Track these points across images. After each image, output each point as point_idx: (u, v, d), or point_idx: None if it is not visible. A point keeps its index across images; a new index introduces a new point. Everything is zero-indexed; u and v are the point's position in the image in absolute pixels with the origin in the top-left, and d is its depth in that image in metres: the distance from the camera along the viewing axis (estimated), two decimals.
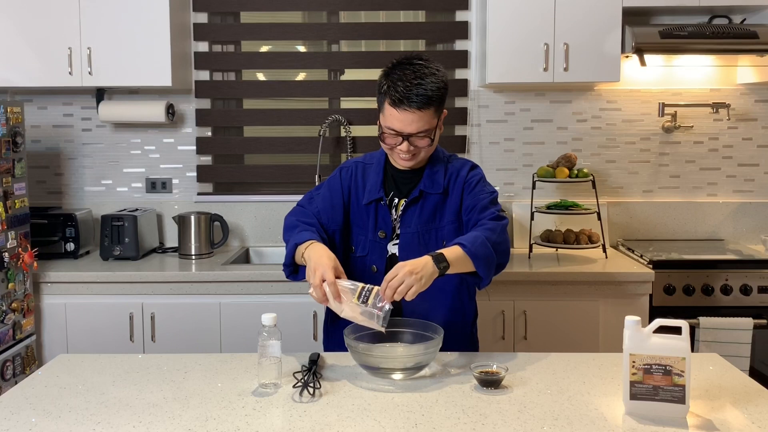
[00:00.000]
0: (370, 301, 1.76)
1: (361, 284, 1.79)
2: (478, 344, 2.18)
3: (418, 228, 2.01)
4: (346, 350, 1.92)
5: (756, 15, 3.31)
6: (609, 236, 3.48)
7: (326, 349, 2.13)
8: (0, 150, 2.79)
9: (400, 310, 1.98)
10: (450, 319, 2.01)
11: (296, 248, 1.94)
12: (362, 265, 2.04)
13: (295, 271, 2.00)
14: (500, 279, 2.92)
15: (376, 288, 1.77)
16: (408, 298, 1.73)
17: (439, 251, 1.81)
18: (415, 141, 1.93)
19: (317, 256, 1.83)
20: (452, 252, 1.81)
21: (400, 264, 1.75)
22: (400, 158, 1.97)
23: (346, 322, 1.83)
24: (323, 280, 1.77)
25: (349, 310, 1.78)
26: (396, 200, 2.04)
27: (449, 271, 1.79)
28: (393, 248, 2.02)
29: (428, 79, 1.88)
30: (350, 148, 3.53)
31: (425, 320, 1.88)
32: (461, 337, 2.08)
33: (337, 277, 1.79)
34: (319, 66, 3.61)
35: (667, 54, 3.38)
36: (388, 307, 1.74)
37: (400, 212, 2.03)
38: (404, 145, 1.92)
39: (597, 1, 3.13)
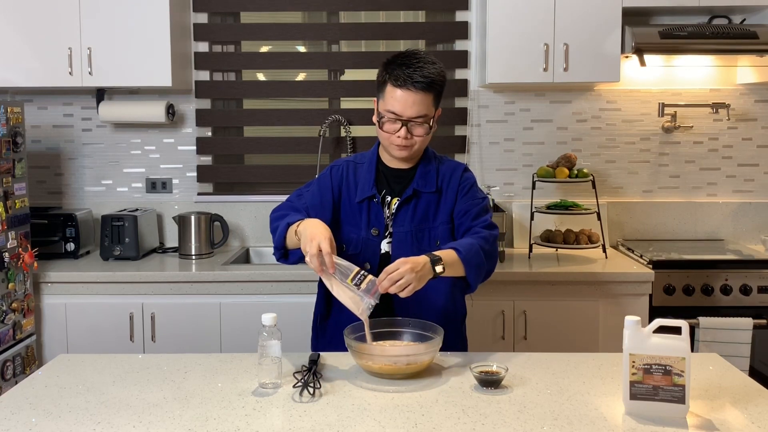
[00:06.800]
0: (363, 286, 1.78)
1: (357, 267, 1.81)
2: (467, 342, 2.19)
3: (412, 227, 2.02)
4: (335, 350, 1.93)
5: (756, 15, 3.31)
6: (609, 236, 3.48)
7: (314, 349, 2.13)
8: (0, 150, 2.79)
9: (392, 310, 1.99)
10: (443, 319, 2.02)
11: (288, 229, 1.94)
12: (354, 263, 2.04)
13: (285, 254, 2.02)
14: (500, 279, 2.93)
15: (371, 276, 1.79)
16: (403, 294, 1.75)
17: (436, 253, 1.83)
18: (413, 128, 1.94)
19: (313, 226, 1.84)
20: (448, 256, 1.85)
21: (401, 260, 1.76)
22: (396, 148, 1.97)
23: (335, 323, 1.84)
24: (320, 250, 1.77)
25: (338, 288, 1.80)
26: (388, 198, 2.05)
27: (442, 275, 1.82)
28: (386, 246, 2.03)
29: (430, 66, 1.94)
30: (350, 148, 3.53)
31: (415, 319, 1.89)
32: (453, 336, 2.08)
33: None
34: (319, 66, 3.61)
35: (667, 54, 3.38)
36: (375, 301, 1.77)
37: (393, 210, 2.03)
38: (402, 131, 1.94)
39: (597, 1, 3.13)
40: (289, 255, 2.02)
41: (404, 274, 1.73)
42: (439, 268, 1.80)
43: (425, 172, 2.04)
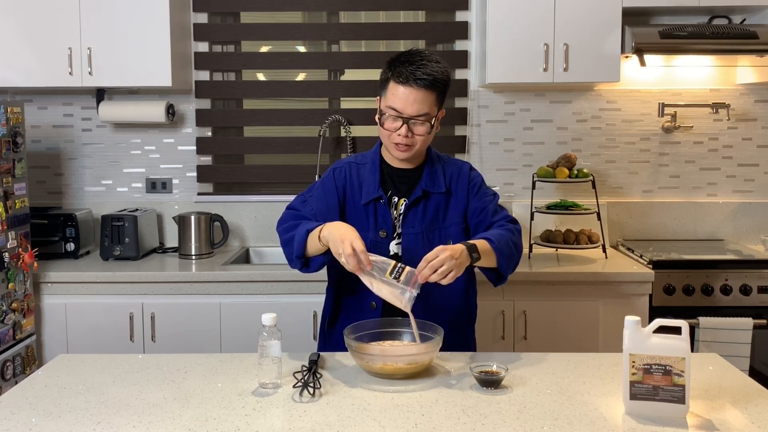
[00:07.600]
0: (402, 278, 1.79)
1: (393, 261, 1.81)
2: (476, 343, 2.19)
3: (422, 228, 2.01)
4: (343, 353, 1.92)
5: (756, 15, 3.31)
6: (609, 236, 3.48)
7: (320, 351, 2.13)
8: (0, 150, 2.79)
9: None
10: (457, 319, 2.03)
11: (308, 235, 1.90)
12: None
13: (306, 263, 1.97)
14: None
15: (408, 268, 1.80)
16: (445, 282, 1.75)
17: (471, 242, 1.84)
18: (414, 127, 1.94)
19: (340, 228, 1.83)
20: (482, 245, 1.86)
21: (440, 247, 1.77)
22: (397, 148, 1.96)
23: (343, 327, 1.83)
24: (353, 249, 1.76)
25: (377, 285, 1.81)
26: (395, 199, 2.04)
27: (477, 264, 1.83)
28: (395, 247, 2.02)
29: (434, 64, 1.94)
30: (350, 149, 3.53)
31: (429, 320, 1.88)
32: (464, 337, 2.09)
33: None
34: (319, 66, 3.61)
35: (667, 54, 3.38)
36: (416, 291, 1.78)
37: (400, 211, 2.03)
38: (403, 129, 1.93)
39: (597, 1, 3.13)
40: (311, 263, 1.97)
41: (445, 261, 1.73)
42: (475, 255, 1.81)
43: (432, 172, 2.03)
